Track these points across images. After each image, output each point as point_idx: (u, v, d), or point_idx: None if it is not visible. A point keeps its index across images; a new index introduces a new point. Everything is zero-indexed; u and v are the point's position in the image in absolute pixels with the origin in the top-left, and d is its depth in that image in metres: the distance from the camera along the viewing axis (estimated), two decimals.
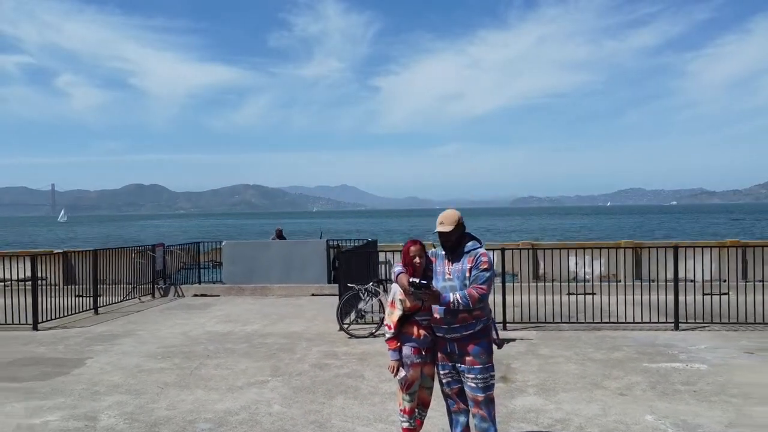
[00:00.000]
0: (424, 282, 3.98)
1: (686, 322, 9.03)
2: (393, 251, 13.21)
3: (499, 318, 9.07)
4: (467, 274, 4.08)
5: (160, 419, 5.39)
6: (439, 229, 4.13)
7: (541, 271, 14.88)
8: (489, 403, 4.14)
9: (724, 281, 13.00)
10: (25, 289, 10.62)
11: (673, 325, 8.95)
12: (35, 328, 9.66)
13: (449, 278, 4.12)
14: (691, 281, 12.91)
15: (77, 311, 10.91)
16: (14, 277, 12.61)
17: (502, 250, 9.76)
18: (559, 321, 9.41)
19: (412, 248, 4.20)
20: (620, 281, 13.09)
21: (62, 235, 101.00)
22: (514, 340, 8.31)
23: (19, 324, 9.82)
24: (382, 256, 13.36)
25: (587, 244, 16.84)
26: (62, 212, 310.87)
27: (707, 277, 13.10)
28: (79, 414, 5.57)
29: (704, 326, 8.99)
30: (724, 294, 11.59)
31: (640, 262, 14.27)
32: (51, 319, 10.09)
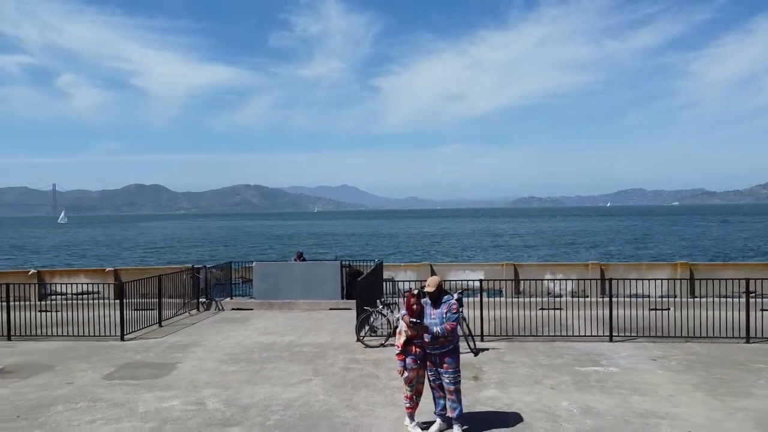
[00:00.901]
0: (419, 321, 6.93)
1: (618, 335, 11.85)
2: (397, 281, 16.16)
3: (477, 331, 11.89)
4: (444, 315, 6.98)
5: (247, 405, 8.25)
6: (426, 290, 7.06)
7: (522, 287, 17.69)
8: (458, 392, 7.07)
9: (670, 298, 15.69)
10: (112, 303, 13.56)
11: (608, 337, 11.76)
12: (122, 338, 12.49)
13: (433, 318, 7.02)
14: (646, 297, 15.65)
15: (145, 325, 13.69)
16: (71, 291, 15.49)
17: (480, 281, 12.65)
18: (525, 335, 12.18)
19: (411, 299, 7.11)
20: (588, 297, 15.83)
21: (70, 239, 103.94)
22: (487, 349, 11.14)
23: (107, 336, 12.67)
24: (387, 274, 16.40)
25: (560, 264, 19.78)
26: (62, 213, 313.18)
27: (660, 293, 15.85)
28: (191, 401, 8.43)
29: (633, 338, 11.81)
30: (666, 309, 14.37)
31: (605, 280, 17.00)
32: (130, 332, 12.92)
